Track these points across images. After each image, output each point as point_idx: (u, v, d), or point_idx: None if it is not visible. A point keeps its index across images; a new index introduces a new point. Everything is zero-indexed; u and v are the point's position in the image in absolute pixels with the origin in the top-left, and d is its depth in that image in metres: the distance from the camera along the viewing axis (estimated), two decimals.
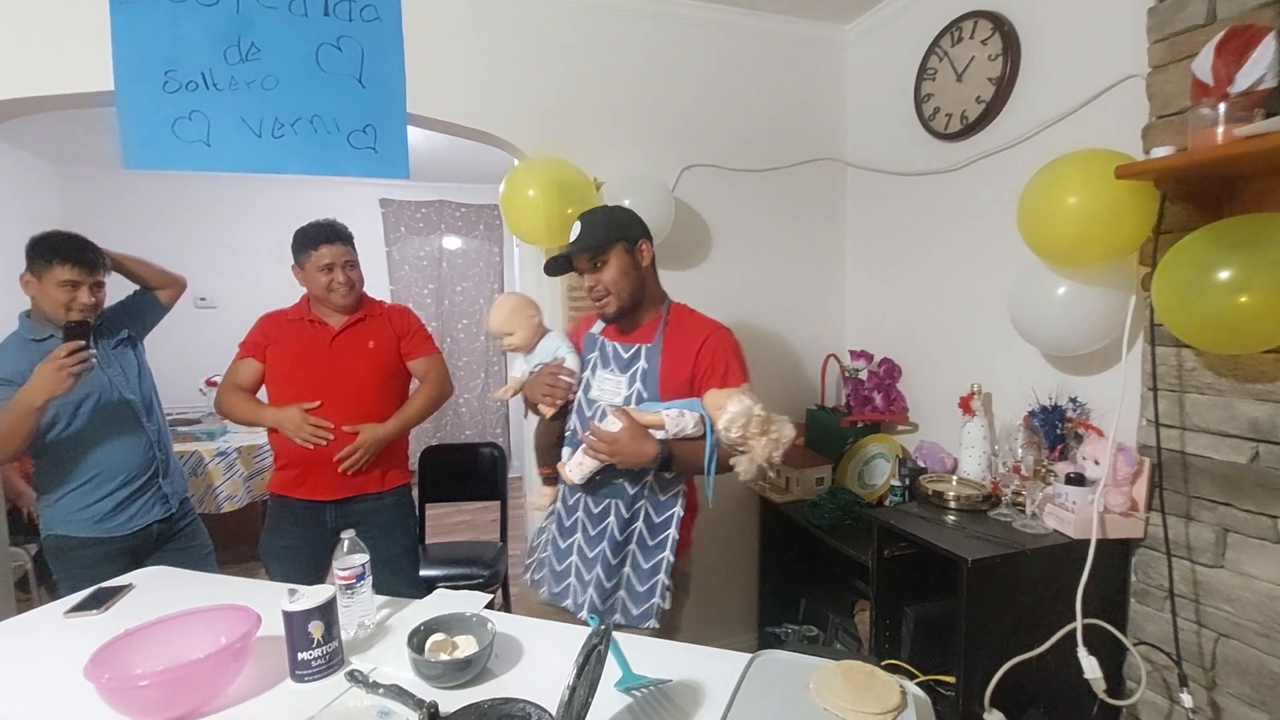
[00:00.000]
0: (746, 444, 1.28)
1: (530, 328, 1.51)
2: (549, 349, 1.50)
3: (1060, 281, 1.55)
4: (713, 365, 1.40)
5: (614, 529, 1.41)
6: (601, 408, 1.43)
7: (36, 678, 1.07)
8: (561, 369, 1.47)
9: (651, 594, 1.41)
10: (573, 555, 1.46)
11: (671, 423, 1.34)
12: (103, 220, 4.23)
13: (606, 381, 1.44)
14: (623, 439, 1.31)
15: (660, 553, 1.42)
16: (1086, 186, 1.39)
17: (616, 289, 1.40)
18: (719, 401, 1.31)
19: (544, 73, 2.14)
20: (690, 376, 1.41)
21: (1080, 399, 1.67)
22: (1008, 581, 1.48)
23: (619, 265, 1.39)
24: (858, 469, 2.25)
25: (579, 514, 1.46)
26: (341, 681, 1.06)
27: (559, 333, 1.54)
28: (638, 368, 1.42)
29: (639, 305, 1.46)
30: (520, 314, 1.50)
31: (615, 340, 1.47)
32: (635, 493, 1.41)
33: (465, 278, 5.25)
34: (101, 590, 1.38)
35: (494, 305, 1.53)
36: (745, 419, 1.27)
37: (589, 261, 1.39)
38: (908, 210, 2.30)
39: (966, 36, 1.98)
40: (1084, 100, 1.68)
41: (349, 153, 1.85)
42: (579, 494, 1.45)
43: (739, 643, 2.51)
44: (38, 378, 1.54)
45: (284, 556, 1.89)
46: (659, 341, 1.43)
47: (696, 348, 1.41)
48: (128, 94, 1.68)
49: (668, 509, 1.43)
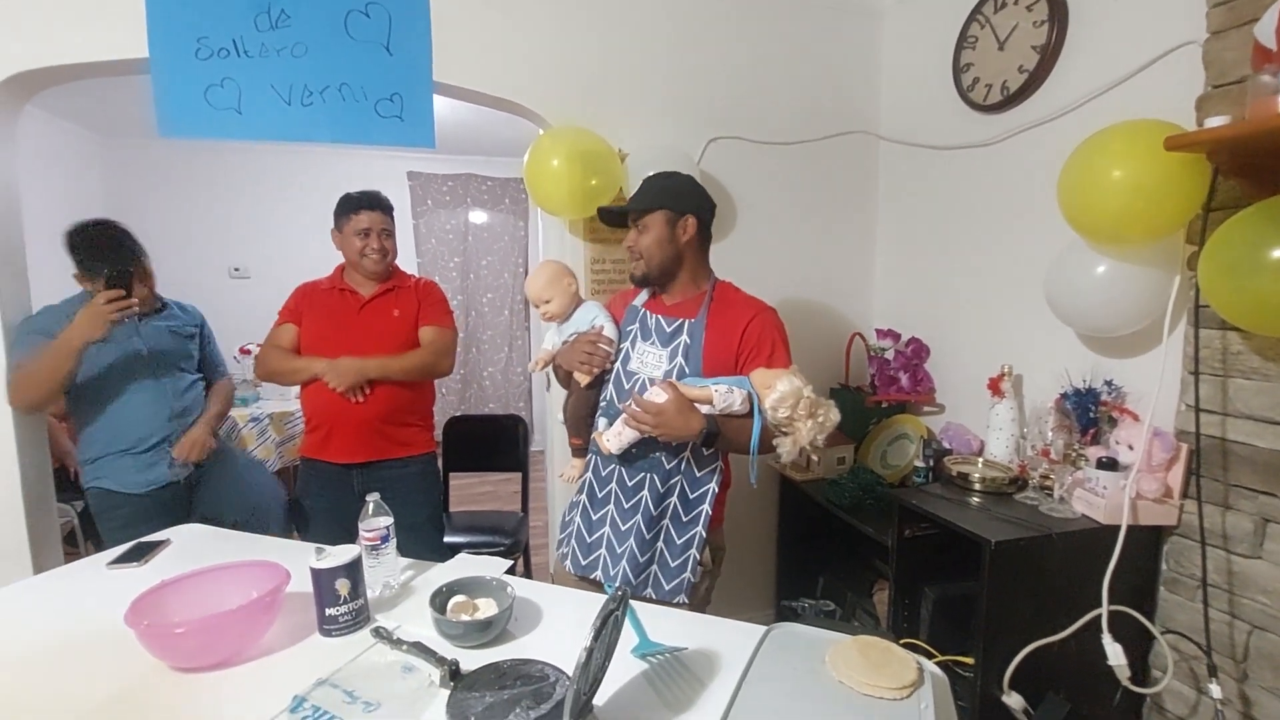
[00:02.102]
0: (792, 425, 1.27)
1: (568, 295, 1.50)
2: (586, 317, 1.49)
3: (1100, 260, 1.50)
4: (759, 345, 1.39)
5: (648, 502, 1.40)
6: (641, 380, 1.42)
7: (82, 621, 1.12)
8: (601, 337, 1.45)
9: (683, 569, 1.41)
10: (605, 527, 1.46)
11: (720, 398, 1.31)
12: (141, 190, 4.35)
13: (648, 354, 1.42)
14: (669, 411, 1.28)
15: (694, 528, 1.41)
16: (1133, 159, 1.33)
17: (648, 254, 1.41)
18: (767, 381, 1.29)
19: (570, 41, 2.10)
20: (735, 355, 1.39)
21: (1116, 382, 1.62)
22: (1032, 565, 1.45)
23: (656, 233, 1.40)
24: (881, 449, 2.22)
25: (612, 485, 1.45)
26: (367, 637, 1.09)
27: (596, 302, 1.53)
28: (680, 342, 1.40)
29: (671, 277, 1.45)
30: (559, 281, 1.50)
31: (658, 313, 1.45)
32: (671, 467, 1.39)
33: (490, 251, 5.27)
34: (141, 544, 1.44)
35: (532, 272, 1.53)
36: (794, 399, 1.25)
37: (633, 221, 1.42)
38: (942, 185, 2.23)
39: (1010, 2, 1.90)
40: (1134, 69, 1.60)
41: (376, 121, 1.85)
42: (613, 465, 1.44)
43: (756, 617, 2.49)
44: (78, 321, 1.63)
45: (314, 518, 1.96)
46: (703, 317, 1.41)
47: (742, 326, 1.40)
48: (161, 61, 1.69)
49: (703, 484, 1.42)
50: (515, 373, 5.41)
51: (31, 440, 1.87)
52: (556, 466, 2.33)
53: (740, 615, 1.18)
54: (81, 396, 1.78)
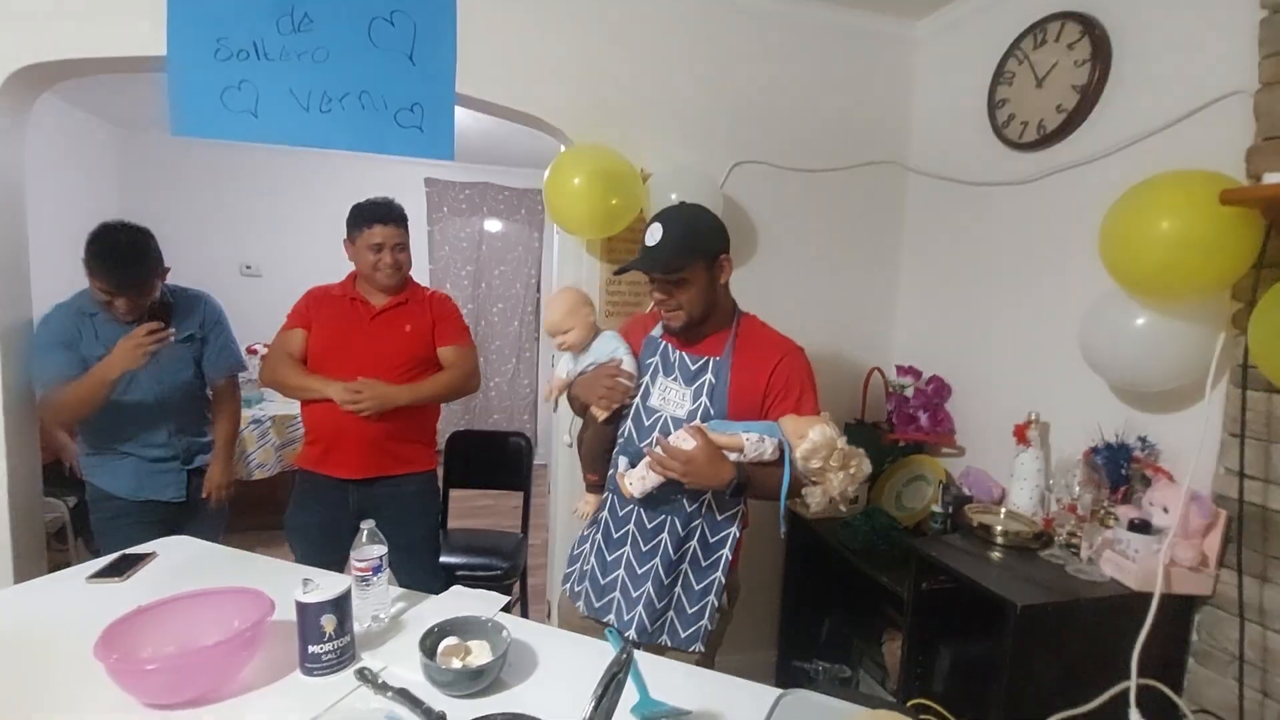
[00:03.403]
0: (823, 476, 1.21)
1: (587, 326, 1.43)
2: (605, 349, 1.41)
3: (1141, 311, 1.43)
4: (787, 388, 1.32)
5: (668, 545, 1.33)
6: (663, 418, 1.35)
7: (53, 644, 1.06)
8: (620, 370, 1.38)
9: (700, 615, 1.35)
10: (620, 569, 1.38)
11: (751, 448, 1.25)
12: (157, 184, 4.34)
13: (670, 391, 1.35)
14: (699, 459, 1.22)
15: (713, 573, 1.35)
16: (1183, 211, 1.27)
17: (690, 307, 1.30)
18: (800, 429, 1.23)
19: (595, 58, 2.07)
20: (761, 396, 1.32)
21: (1150, 439, 1.55)
22: (1058, 630, 1.38)
23: (698, 286, 1.29)
24: (896, 490, 2.15)
25: (629, 526, 1.38)
26: (351, 679, 1.03)
27: (614, 333, 1.45)
28: (704, 381, 1.32)
29: (707, 320, 1.35)
30: (579, 311, 1.42)
31: (681, 349, 1.37)
32: (693, 510, 1.33)
33: (504, 261, 5.24)
34: (125, 557, 1.39)
35: (550, 300, 1.46)
36: (828, 450, 1.20)
37: (664, 275, 1.29)
38: (971, 222, 2.17)
39: (1051, 39, 1.85)
40: (1179, 116, 1.54)
41: (395, 131, 1.81)
42: (631, 506, 1.37)
43: (756, 658, 2.44)
44: (117, 352, 1.65)
45: (307, 533, 1.90)
46: (729, 356, 1.34)
47: (770, 368, 1.32)
48: (179, 60, 1.66)
49: (724, 528, 1.35)
50: (522, 384, 5.36)
51: (21, 444, 1.83)
52: (560, 484, 2.27)
53: (740, 653, 1.12)
54: None
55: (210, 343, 1.94)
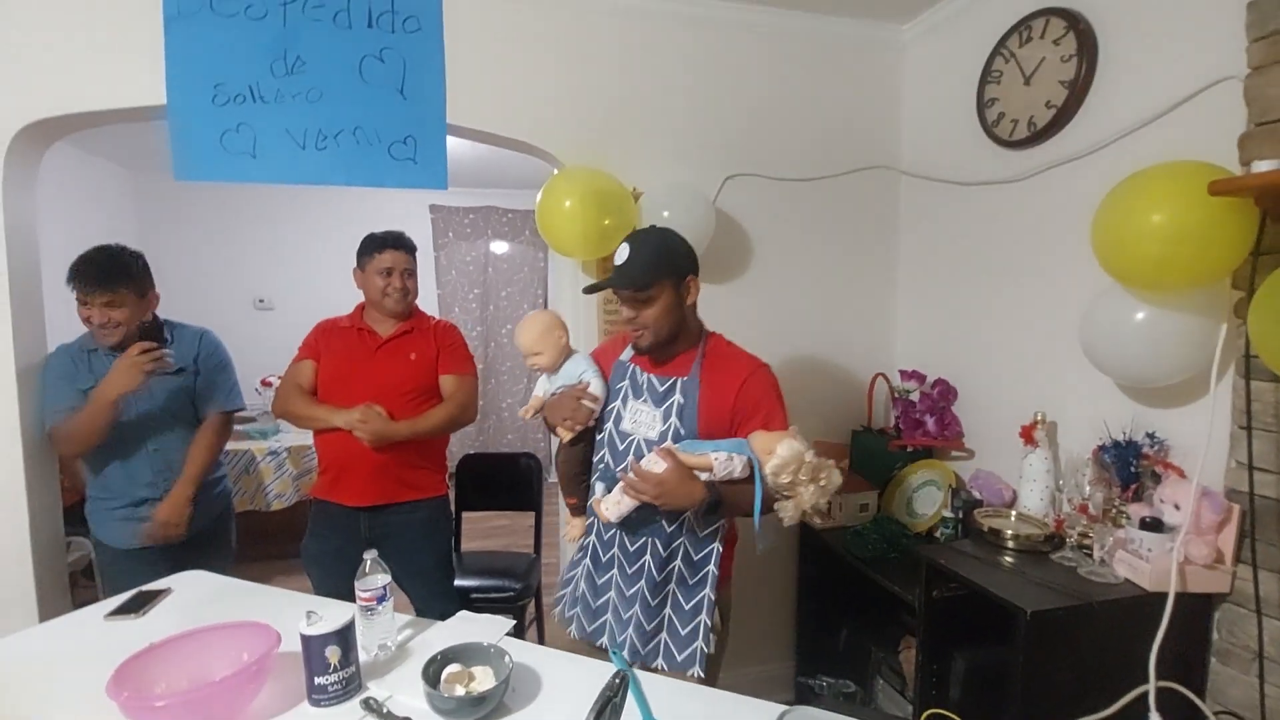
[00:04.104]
0: (794, 490, 1.22)
1: (558, 348, 1.46)
2: (574, 371, 1.44)
3: (1140, 306, 1.41)
4: (756, 406, 1.34)
5: (651, 568, 1.35)
6: (636, 441, 1.37)
7: (70, 681, 1.09)
8: (585, 393, 1.41)
9: (695, 636, 1.34)
10: (609, 592, 1.40)
11: (721, 466, 1.27)
12: (174, 225, 4.48)
13: (641, 414, 1.37)
14: (670, 481, 1.24)
15: (701, 590, 1.35)
16: (1174, 202, 1.26)
17: (656, 326, 1.33)
18: (768, 445, 1.24)
19: (583, 81, 2.10)
20: (730, 414, 1.34)
21: (1159, 435, 1.52)
22: (1071, 635, 1.35)
23: (664, 304, 1.32)
24: (906, 496, 2.12)
25: (614, 550, 1.40)
26: (357, 708, 1.04)
27: (584, 355, 1.49)
28: (673, 402, 1.35)
29: (674, 340, 1.38)
30: (551, 334, 1.46)
31: (649, 371, 1.40)
32: (673, 530, 1.34)
33: (510, 282, 5.29)
34: (141, 594, 1.42)
35: (522, 324, 1.49)
36: (796, 465, 1.21)
37: (632, 294, 1.31)
38: (967, 222, 2.16)
39: (1036, 36, 1.84)
40: (1169, 105, 1.53)
41: (389, 164, 1.86)
42: (613, 530, 1.39)
43: (774, 670, 2.42)
44: (113, 374, 1.65)
45: (322, 562, 1.92)
46: (696, 375, 1.36)
47: (738, 385, 1.34)
48: (179, 107, 1.72)
49: (706, 545, 1.36)
50: (521, 416, 5.37)
51: (41, 483, 1.88)
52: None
53: (758, 667, 1.11)
54: None
55: (202, 380, 1.90)
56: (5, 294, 1.75)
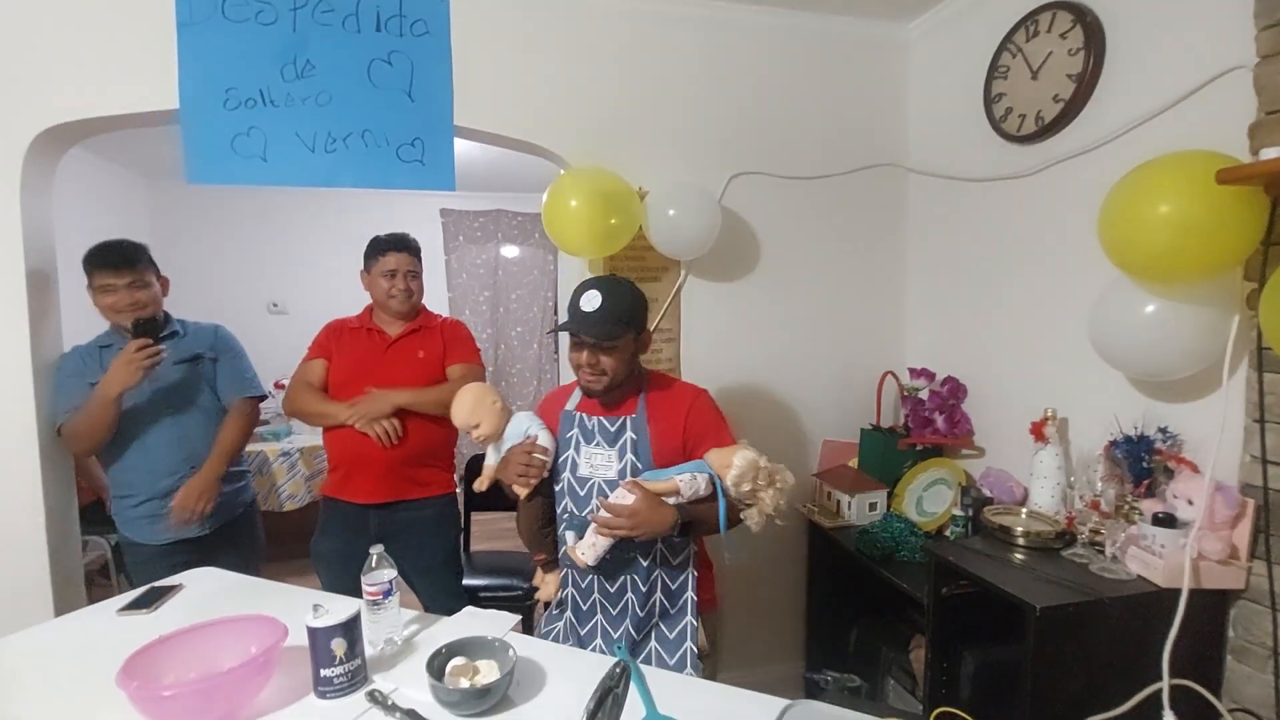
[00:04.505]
0: (755, 496, 1.31)
1: (495, 414, 1.47)
2: (519, 430, 1.46)
3: (1149, 299, 1.39)
4: (705, 428, 1.43)
5: (634, 605, 1.39)
6: (595, 484, 1.40)
7: (84, 673, 1.11)
8: (535, 446, 1.42)
9: (682, 665, 1.37)
10: (596, 639, 1.42)
11: (686, 486, 1.33)
12: (188, 230, 4.54)
13: (596, 457, 1.41)
14: (642, 510, 1.28)
15: (683, 618, 1.40)
16: (1181, 192, 1.24)
17: (614, 373, 1.38)
18: (724, 459, 1.33)
19: (588, 82, 2.11)
20: (681, 441, 1.42)
21: (1171, 429, 1.50)
22: (1083, 632, 1.33)
23: (625, 353, 1.39)
24: (916, 495, 2.10)
25: (595, 596, 1.42)
26: (362, 701, 1.05)
27: (526, 413, 1.50)
28: (626, 439, 1.40)
29: (624, 382, 1.43)
30: (483, 403, 1.47)
31: (598, 414, 1.44)
32: (649, 564, 1.39)
33: (520, 285, 5.32)
34: (153, 589, 1.44)
35: (455, 401, 1.50)
36: (754, 472, 1.30)
37: (602, 344, 1.36)
38: (975, 218, 2.15)
39: (1043, 30, 1.83)
40: (1178, 97, 1.51)
41: (397, 166, 1.88)
42: (590, 576, 1.41)
43: (785, 669, 2.40)
44: (112, 370, 1.67)
45: (331, 560, 1.94)
46: (643, 411, 1.42)
47: (684, 412, 1.43)
48: (191, 112, 1.75)
49: (681, 574, 1.41)
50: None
51: (57, 482, 1.90)
52: None
53: (768, 666, 1.11)
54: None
55: (222, 365, 1.93)
56: (23, 295, 1.79)
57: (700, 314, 2.27)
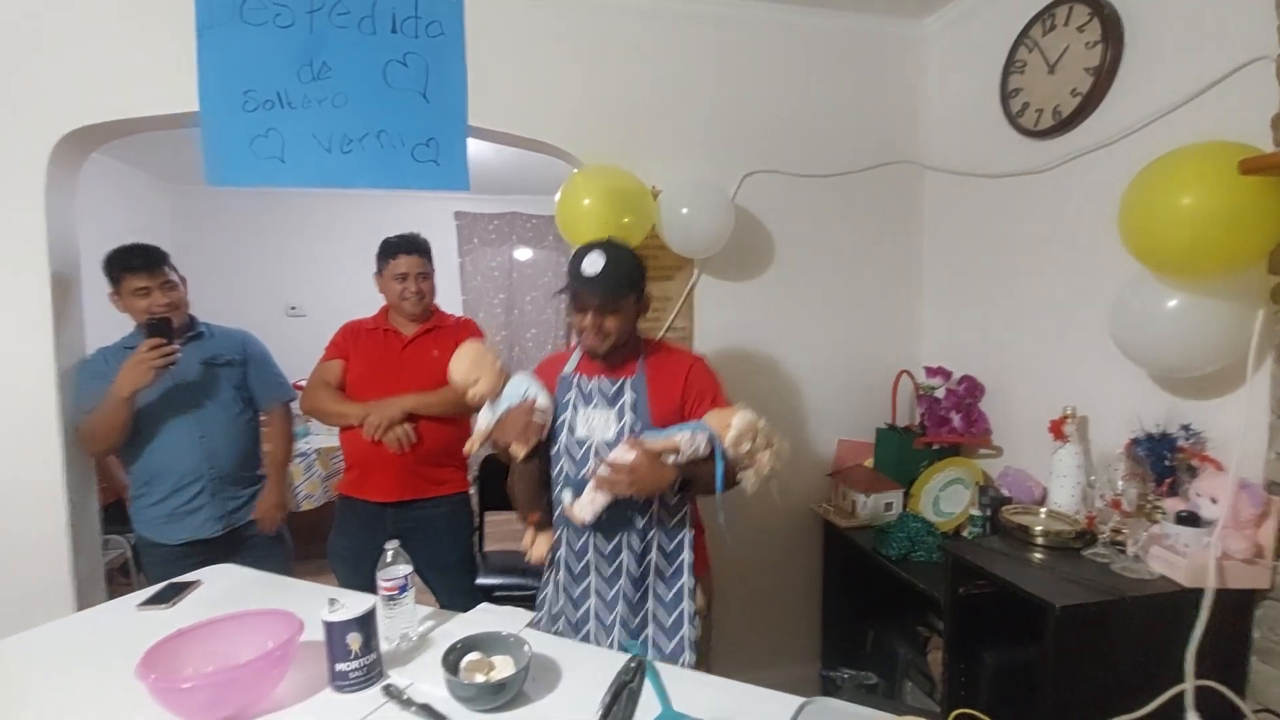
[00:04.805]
0: (753, 458, 1.32)
1: (494, 373, 1.46)
2: (517, 390, 1.45)
3: (1171, 293, 1.37)
4: (702, 391, 1.45)
5: (629, 564, 1.39)
6: (592, 445, 1.41)
7: (104, 666, 1.12)
8: (534, 407, 1.42)
9: (680, 625, 1.39)
10: (589, 599, 1.43)
11: (686, 445, 1.33)
12: (209, 235, 4.60)
13: (594, 419, 1.42)
14: (642, 467, 1.29)
15: (679, 579, 1.41)
16: (1204, 184, 1.22)
17: (617, 334, 1.40)
18: (724, 419, 1.34)
19: (602, 81, 2.12)
20: (680, 403, 1.43)
21: (1194, 427, 1.47)
22: (1103, 632, 1.31)
23: (627, 314, 1.41)
24: (932, 495, 2.08)
25: (589, 555, 1.42)
26: (378, 695, 1.05)
27: (524, 374, 1.50)
28: (625, 400, 1.42)
29: (625, 344, 1.45)
30: (483, 361, 1.46)
31: (597, 376, 1.45)
32: (644, 524, 1.40)
33: (534, 287, 5.34)
34: (172, 585, 1.46)
35: (453, 359, 1.48)
36: (752, 432, 1.31)
37: (601, 304, 1.37)
38: (992, 215, 2.12)
39: (1060, 24, 1.81)
40: (1199, 89, 1.49)
41: (412, 166, 1.90)
42: (585, 536, 1.41)
43: (800, 672, 2.38)
44: (124, 371, 1.68)
45: (347, 558, 1.96)
46: (643, 373, 1.44)
47: (684, 375, 1.45)
48: (210, 114, 1.78)
49: (678, 534, 1.43)
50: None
51: (79, 481, 1.93)
52: None
53: (783, 668, 1.11)
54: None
55: (256, 372, 1.99)
56: (48, 298, 1.82)
57: (713, 313, 2.27)
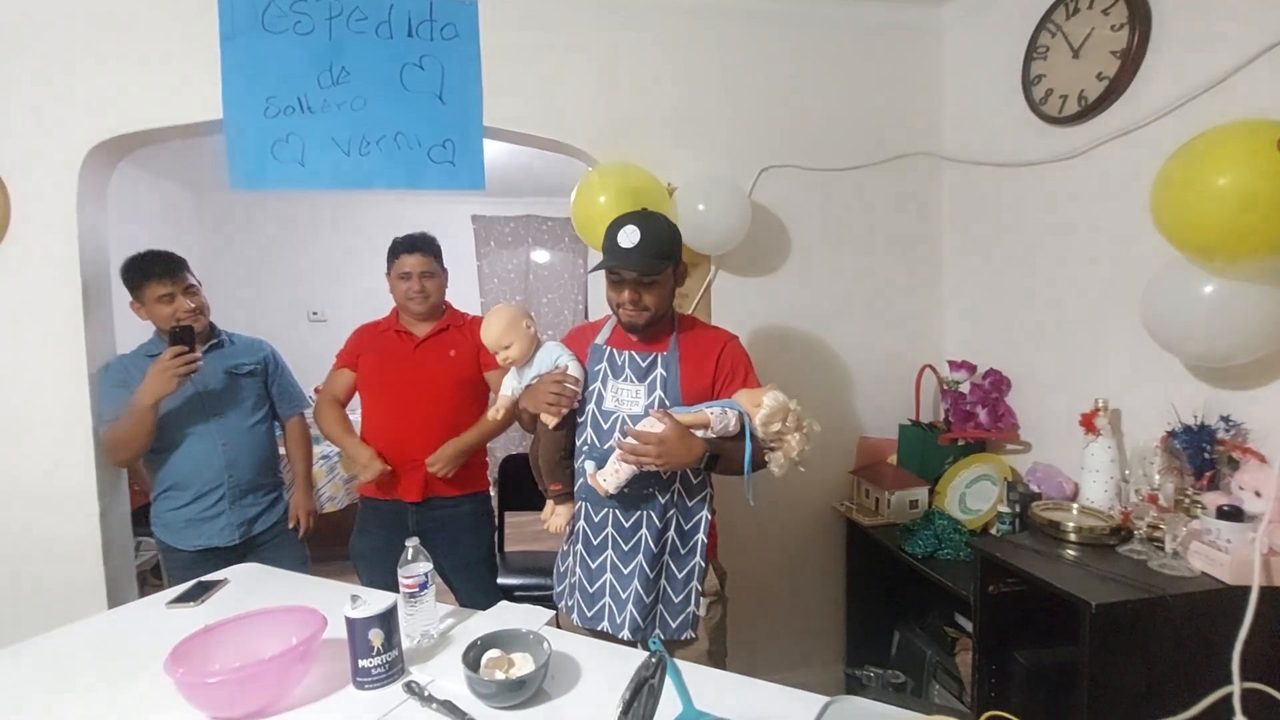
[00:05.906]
0: (781, 440, 1.31)
1: (527, 339, 1.45)
2: (548, 358, 1.45)
3: (1207, 279, 1.32)
4: (734, 370, 1.44)
5: (648, 540, 1.38)
6: (619, 418, 1.39)
7: (133, 662, 1.15)
8: (566, 376, 1.42)
9: (687, 603, 1.40)
10: (605, 574, 1.42)
11: (717, 420, 1.32)
12: (233, 241, 4.70)
13: (623, 392, 1.41)
14: (670, 438, 1.27)
15: (692, 559, 1.41)
16: (1243, 163, 1.17)
17: (655, 307, 1.39)
18: (755, 399, 1.32)
19: (616, 79, 2.11)
20: (711, 381, 1.42)
21: (1234, 418, 1.42)
22: (1142, 631, 1.26)
23: (665, 287, 1.39)
24: (959, 492, 2.04)
25: (608, 529, 1.41)
26: (400, 692, 1.06)
27: (557, 343, 1.49)
28: (656, 375, 1.40)
29: (661, 318, 1.43)
30: (517, 325, 1.45)
31: (629, 349, 1.44)
32: (665, 501, 1.39)
33: (551, 289, 5.36)
34: (200, 584, 1.48)
35: (486, 319, 1.48)
36: (784, 413, 1.29)
37: (639, 278, 1.35)
38: (1015, 204, 2.08)
39: (1084, 8, 1.76)
40: (1230, 69, 1.43)
41: (429, 167, 1.92)
42: (606, 509, 1.40)
43: (824, 674, 2.35)
44: (148, 379, 1.70)
45: (370, 558, 1.97)
46: (675, 349, 1.43)
47: (716, 353, 1.44)
48: (234, 121, 1.82)
49: (695, 514, 1.42)
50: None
51: (110, 484, 1.97)
52: None
53: (807, 671, 1.08)
54: None
55: (277, 382, 2.02)
56: (79, 303, 1.86)
57: (730, 309, 2.24)
